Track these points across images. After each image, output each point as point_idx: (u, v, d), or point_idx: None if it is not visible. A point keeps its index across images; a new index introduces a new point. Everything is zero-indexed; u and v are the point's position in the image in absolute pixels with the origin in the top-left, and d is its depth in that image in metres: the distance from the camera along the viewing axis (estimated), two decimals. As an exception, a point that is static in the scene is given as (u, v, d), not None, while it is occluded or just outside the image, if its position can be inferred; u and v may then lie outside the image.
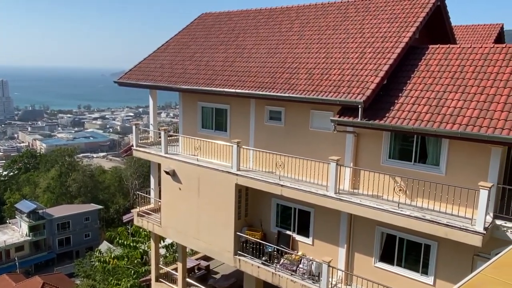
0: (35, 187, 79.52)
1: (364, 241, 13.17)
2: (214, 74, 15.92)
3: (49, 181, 77.17)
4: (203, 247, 16.58)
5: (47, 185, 77.02)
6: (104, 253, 31.66)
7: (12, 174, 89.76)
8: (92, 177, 79.84)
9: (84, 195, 77.34)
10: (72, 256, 66.37)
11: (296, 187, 13.15)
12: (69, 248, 69.00)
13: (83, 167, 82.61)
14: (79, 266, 47.53)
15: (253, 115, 15.43)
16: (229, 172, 14.84)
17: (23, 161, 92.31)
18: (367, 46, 13.49)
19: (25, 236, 63.94)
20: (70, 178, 76.49)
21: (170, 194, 17.28)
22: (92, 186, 78.76)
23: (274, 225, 15.52)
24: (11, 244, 61.92)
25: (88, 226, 70.29)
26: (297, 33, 15.91)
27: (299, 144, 14.21)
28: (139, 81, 18.13)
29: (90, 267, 43.42)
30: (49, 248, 67.04)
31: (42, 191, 77.53)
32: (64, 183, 76.74)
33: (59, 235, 67.56)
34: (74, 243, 69.20)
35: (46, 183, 77.06)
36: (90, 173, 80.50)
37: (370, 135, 12.54)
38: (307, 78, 13.42)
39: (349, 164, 12.90)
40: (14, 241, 62.63)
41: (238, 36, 17.71)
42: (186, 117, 17.87)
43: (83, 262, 48.65)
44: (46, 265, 65.98)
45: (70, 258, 66.16)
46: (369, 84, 11.98)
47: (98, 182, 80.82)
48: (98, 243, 66.73)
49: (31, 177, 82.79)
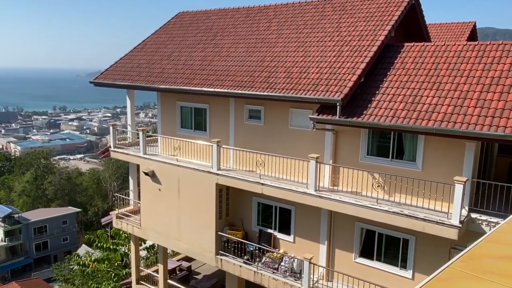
0: (10, 191, 77.39)
1: (344, 237, 13.32)
2: (193, 74, 15.79)
3: (24, 184, 75.26)
4: (184, 248, 16.45)
5: (23, 188, 75.11)
6: (82, 256, 31.09)
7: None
8: (69, 179, 78.26)
9: (61, 198, 75.72)
10: (50, 261, 64.84)
11: (276, 185, 13.18)
12: (46, 252, 67.45)
13: (60, 170, 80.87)
14: (58, 270, 46.51)
15: (233, 114, 15.38)
16: (210, 172, 14.76)
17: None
18: (344, 44, 13.62)
19: (1, 241, 62.15)
20: (47, 181, 74.76)
21: (149, 196, 17.07)
22: (69, 189, 77.20)
23: (255, 224, 15.52)
24: (-15, 250, 60.16)
25: (66, 230, 68.83)
26: (275, 32, 15.94)
27: (279, 143, 14.25)
28: (116, 81, 17.84)
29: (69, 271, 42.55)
30: (25, 253, 65.38)
31: (17, 195, 75.57)
32: (40, 186, 74.96)
33: (36, 239, 65.94)
34: (52, 248, 67.68)
35: (21, 187, 75.14)
36: (67, 176, 78.88)
37: (348, 133, 12.67)
38: (285, 77, 13.45)
39: (329, 161, 13.01)
40: (-11, 247, 60.85)
41: (216, 35, 17.62)
42: (165, 117, 17.68)
43: (61, 266, 47.63)
44: (23, 271, 64.30)
45: (48, 263, 64.63)
46: (346, 82, 12.10)
47: (76, 185, 79.25)
48: (76, 246, 65.46)
49: (6, 180, 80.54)
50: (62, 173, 78.30)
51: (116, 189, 68.46)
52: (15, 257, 63.93)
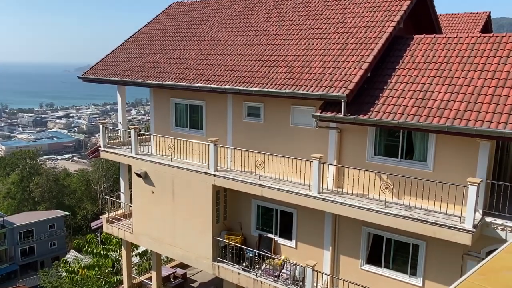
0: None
1: (350, 242, 13.24)
2: (188, 68, 15.69)
3: (9, 186, 75.14)
4: (179, 254, 16.37)
5: (7, 190, 75.02)
6: (71, 262, 31.00)
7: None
8: (56, 181, 78.15)
9: (49, 200, 75.63)
10: (37, 267, 64.76)
11: (277, 187, 13.10)
12: (33, 258, 67.39)
13: (47, 170, 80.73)
14: (45, 277, 46.46)
15: (231, 111, 15.29)
16: (206, 173, 14.68)
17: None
18: (349, 36, 13.53)
19: (-16, 247, 62.14)
20: (33, 182, 74.64)
21: (142, 198, 16.99)
22: (57, 191, 77.08)
23: (254, 228, 15.45)
24: (-32, 256, 60.09)
25: (54, 234, 68.75)
26: (275, 24, 15.84)
27: (280, 142, 14.17)
28: (106, 76, 17.73)
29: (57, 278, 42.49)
30: (11, 259, 65.33)
31: (1, 197, 75.47)
32: (26, 188, 74.84)
33: (22, 244, 65.85)
34: (39, 253, 67.61)
35: (6, 189, 75.06)
36: (55, 177, 78.77)
37: (354, 131, 12.59)
38: (286, 72, 13.36)
39: (333, 161, 12.92)
40: (-29, 253, 60.77)
41: (212, 27, 17.52)
42: (158, 115, 17.59)
43: (49, 273, 47.58)
44: (8, 278, 64.23)
45: (34, 269, 64.56)
46: (352, 77, 12.01)
47: (64, 187, 79.14)
48: (65, 252, 65.43)
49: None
50: (49, 174, 78.18)
51: (107, 191, 68.39)
52: (0, 264, 63.84)
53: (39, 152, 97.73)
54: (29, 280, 58.43)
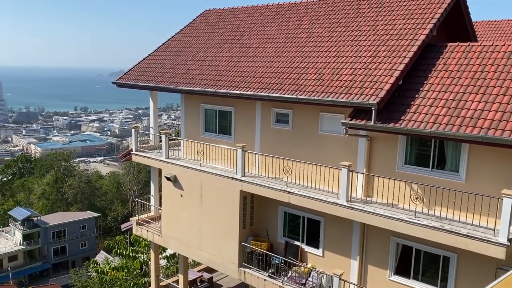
0: (29, 194, 79.97)
1: (378, 252, 13.05)
2: (218, 75, 15.91)
3: (44, 187, 77.56)
4: (206, 258, 16.53)
5: (42, 191, 77.42)
6: (101, 263, 31.70)
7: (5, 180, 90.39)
8: (89, 183, 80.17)
9: (81, 202, 77.66)
10: (68, 267, 66.50)
11: (304, 194, 13.07)
12: (64, 258, 69.23)
13: (80, 172, 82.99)
14: (76, 276, 47.65)
15: (259, 118, 15.39)
16: (234, 178, 14.80)
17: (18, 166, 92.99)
18: (380, 44, 13.42)
19: (19, 245, 64.25)
20: (66, 184, 76.84)
21: (171, 202, 17.26)
22: (89, 193, 79.07)
23: (281, 235, 15.44)
24: (4, 253, 62.24)
25: (85, 235, 70.52)
26: (306, 31, 15.88)
27: (308, 149, 14.14)
28: (139, 82, 18.18)
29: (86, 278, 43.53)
30: (44, 257, 67.30)
31: (37, 197, 77.94)
32: (60, 189, 77.11)
33: (54, 244, 67.81)
34: (70, 253, 69.42)
35: (41, 189, 77.47)
36: (87, 179, 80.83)
37: (384, 139, 12.44)
38: (316, 79, 13.36)
39: (362, 170, 12.80)
40: (7, 250, 62.94)
41: (243, 34, 17.71)
42: (188, 120, 17.88)
43: (79, 273, 48.78)
44: (40, 276, 66.23)
45: (65, 269, 66.30)
46: (383, 85, 11.90)
47: (95, 188, 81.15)
48: (95, 252, 66.94)
49: (26, 183, 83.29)
50: (82, 176, 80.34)
51: (137, 194, 69.61)
52: (33, 262, 65.94)
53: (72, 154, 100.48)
54: (61, 279, 60.12)
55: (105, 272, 27.43)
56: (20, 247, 64.01)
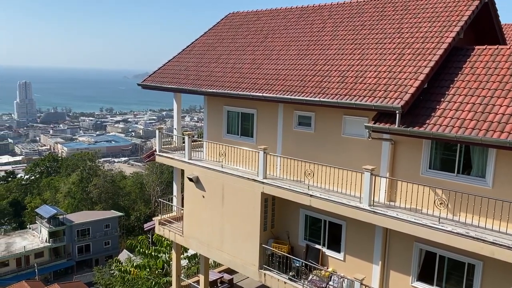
0: (55, 192, 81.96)
1: (400, 258, 12.86)
2: (241, 77, 16.00)
3: (70, 186, 79.36)
4: (226, 259, 16.61)
5: (68, 190, 79.22)
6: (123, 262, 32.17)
7: (33, 178, 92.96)
8: (113, 182, 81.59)
9: (105, 201, 79.10)
10: (91, 264, 67.87)
11: (326, 197, 12.99)
12: (88, 256, 70.60)
13: (104, 172, 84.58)
14: (99, 274, 48.51)
15: (281, 120, 15.39)
16: (255, 180, 14.84)
17: (45, 165, 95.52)
18: (405, 47, 13.25)
19: (45, 242, 65.86)
20: (91, 183, 78.41)
21: (193, 202, 17.42)
22: (113, 192, 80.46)
23: (302, 238, 15.39)
24: (31, 250, 63.94)
25: (108, 234, 71.76)
26: (329, 33, 15.82)
27: (330, 152, 14.07)
28: (164, 84, 18.44)
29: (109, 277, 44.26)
30: (68, 255, 68.78)
31: (62, 196, 79.79)
32: (85, 188, 78.74)
33: (79, 242, 69.25)
34: (94, 251, 70.75)
35: (67, 188, 79.29)
36: (111, 179, 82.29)
37: (408, 143, 12.27)
38: (339, 82, 13.29)
39: (385, 174, 12.65)
40: (34, 247, 64.61)
41: (266, 37, 17.77)
42: (211, 122, 18.03)
43: (103, 271, 49.65)
44: (65, 273, 67.74)
45: (89, 267, 67.67)
46: (408, 88, 11.75)
47: (119, 188, 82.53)
48: (118, 251, 68.05)
49: (52, 181, 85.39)
50: (106, 176, 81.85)
51: (159, 194, 70.54)
52: (58, 259, 67.50)
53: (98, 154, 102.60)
54: (84, 277, 61.31)
55: (128, 271, 27.83)
56: (46, 244, 65.61)
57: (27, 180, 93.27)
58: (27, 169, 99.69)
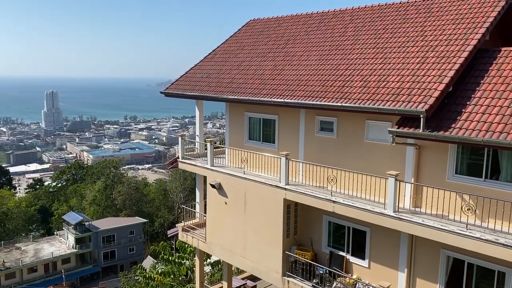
0: (82, 199, 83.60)
1: (427, 265, 12.58)
2: (262, 83, 16.04)
3: (95, 193, 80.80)
4: (249, 266, 16.58)
5: (93, 197, 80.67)
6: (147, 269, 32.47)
7: (60, 186, 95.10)
8: (137, 189, 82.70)
9: (129, 208, 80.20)
10: (117, 270, 68.75)
11: (349, 203, 12.85)
12: (113, 262, 71.60)
13: (128, 179, 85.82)
14: (125, 279, 49.10)
15: (303, 126, 15.34)
16: (277, 186, 14.80)
17: (71, 172, 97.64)
18: (429, 50, 13.05)
19: (72, 248, 67.15)
20: (116, 190, 79.67)
21: (215, 209, 17.49)
22: (137, 199, 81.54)
23: (325, 245, 15.24)
24: (58, 256, 65.27)
25: (133, 240, 72.68)
26: (351, 38, 15.72)
27: (353, 157, 13.92)
28: (186, 91, 18.64)
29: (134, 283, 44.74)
30: (94, 261, 69.90)
31: (88, 203, 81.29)
32: (110, 195, 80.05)
33: (104, 248, 70.34)
34: (119, 257, 71.72)
35: (92, 196, 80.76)
36: (135, 186, 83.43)
37: (433, 148, 12.04)
38: (362, 86, 13.17)
39: (410, 179, 12.43)
40: (61, 253, 65.96)
41: (287, 42, 17.78)
42: (233, 128, 18.11)
43: (128, 276, 50.25)
44: (91, 279, 68.85)
45: (114, 272, 68.58)
46: (432, 92, 11.54)
47: (143, 195, 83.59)
48: (142, 257, 68.80)
49: (78, 188, 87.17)
50: (130, 183, 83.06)
51: (183, 200, 71.08)
52: (84, 265, 68.68)
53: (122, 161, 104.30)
54: (110, 282, 62.12)
55: (152, 277, 28.08)
56: (72, 250, 66.87)
57: (54, 187, 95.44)
58: (54, 177, 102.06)
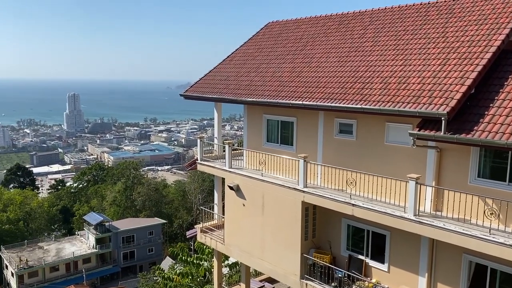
0: (102, 200, 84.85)
1: (448, 270, 12.35)
2: (281, 86, 16.03)
3: (115, 194, 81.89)
4: (267, 268, 16.55)
5: (114, 198, 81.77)
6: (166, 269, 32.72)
7: (81, 186, 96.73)
8: (156, 190, 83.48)
9: (149, 208, 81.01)
10: (136, 271, 69.48)
11: (369, 207, 12.71)
12: (133, 262, 72.32)
13: (148, 180, 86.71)
14: (144, 280, 49.58)
15: (322, 128, 15.26)
16: (295, 189, 14.74)
17: (92, 173, 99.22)
18: (451, 51, 12.83)
19: (92, 248, 68.15)
20: (136, 191, 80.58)
21: (233, 210, 17.53)
22: (157, 200, 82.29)
23: (344, 248, 15.11)
24: (80, 255, 66.31)
25: (152, 241, 73.29)
26: (371, 40, 15.58)
27: (373, 160, 13.78)
28: (205, 94, 18.76)
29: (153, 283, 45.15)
30: (114, 261, 70.75)
31: (108, 204, 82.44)
32: (130, 196, 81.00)
33: (124, 248, 71.11)
34: (138, 258, 72.42)
35: (112, 196, 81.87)
36: (155, 187, 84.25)
37: (455, 151, 11.82)
38: (382, 88, 13.03)
39: (431, 183, 12.23)
40: (82, 252, 67.01)
41: (306, 44, 17.73)
42: (251, 130, 18.13)
43: (147, 277, 50.74)
44: (111, 279, 69.71)
45: (134, 273, 69.30)
46: (454, 94, 11.35)
47: (162, 196, 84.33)
48: (161, 258, 69.37)
49: (99, 189, 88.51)
50: (150, 184, 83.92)
51: (201, 202, 71.44)
52: (105, 265, 69.57)
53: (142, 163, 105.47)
54: (129, 283, 62.81)
55: (171, 278, 28.27)
56: (93, 250, 67.84)
57: (76, 188, 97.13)
58: (76, 178, 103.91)
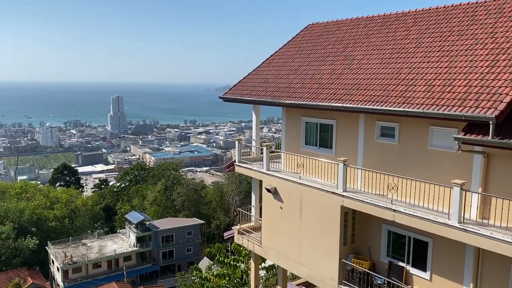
0: (143, 199, 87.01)
1: (495, 281, 11.76)
2: (320, 88, 15.85)
3: (156, 194, 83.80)
4: (305, 272, 16.37)
5: (154, 198, 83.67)
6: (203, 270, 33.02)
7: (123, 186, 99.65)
8: (195, 191, 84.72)
9: (188, 209, 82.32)
10: (174, 270, 70.67)
11: (411, 213, 12.32)
12: (171, 261, 73.65)
13: (187, 181, 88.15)
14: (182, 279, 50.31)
15: (362, 131, 14.95)
16: (334, 193, 14.52)
17: (134, 173, 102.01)
18: (500, 52, 12.26)
19: (133, 247, 69.96)
20: (175, 191, 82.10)
21: (270, 213, 17.47)
22: (195, 200, 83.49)
23: (384, 255, 14.72)
24: (121, 253, 68.22)
25: (190, 241, 74.39)
26: (414, 41, 15.14)
27: (416, 165, 13.35)
28: (243, 96, 18.84)
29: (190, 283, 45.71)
30: (153, 260, 72.33)
31: (149, 203, 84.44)
32: (169, 196, 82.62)
33: (163, 247, 72.56)
34: (177, 257, 73.67)
35: (153, 196, 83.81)
36: (193, 187, 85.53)
37: (504, 156, 11.26)
38: (426, 91, 12.62)
39: (477, 189, 11.71)
40: (123, 250, 68.91)
41: (347, 46, 17.46)
42: (289, 133, 18.03)
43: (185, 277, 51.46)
44: (150, 277, 71.24)
45: (172, 272, 70.52)
46: (503, 97, 10.82)
47: (201, 197, 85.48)
48: (199, 258, 70.25)
49: (140, 189, 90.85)
50: (189, 185, 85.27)
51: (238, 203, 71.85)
52: (144, 263, 71.24)
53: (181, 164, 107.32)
54: (168, 281, 64.00)
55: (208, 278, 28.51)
56: (134, 249, 69.63)
57: (118, 187, 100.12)
58: (118, 177, 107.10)
